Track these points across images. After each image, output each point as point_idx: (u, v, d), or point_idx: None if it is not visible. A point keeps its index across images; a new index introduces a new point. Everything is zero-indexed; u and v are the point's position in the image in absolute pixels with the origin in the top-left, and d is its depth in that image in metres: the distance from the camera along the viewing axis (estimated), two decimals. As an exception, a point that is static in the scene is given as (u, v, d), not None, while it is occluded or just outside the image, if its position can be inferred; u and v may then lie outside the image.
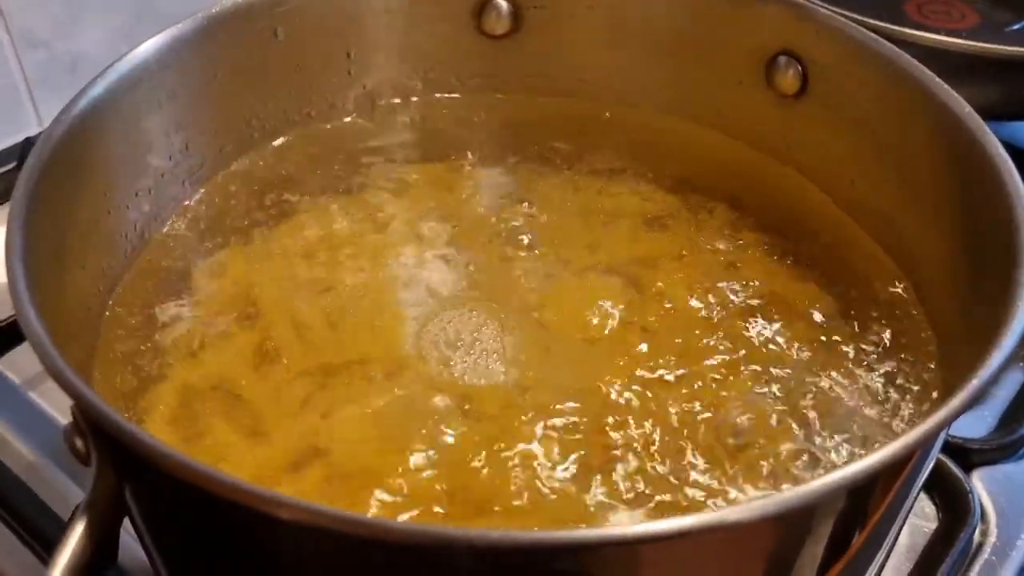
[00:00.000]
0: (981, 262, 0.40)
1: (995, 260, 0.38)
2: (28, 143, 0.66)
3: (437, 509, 0.37)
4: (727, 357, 0.43)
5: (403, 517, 0.37)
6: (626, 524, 0.36)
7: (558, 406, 0.41)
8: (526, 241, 0.49)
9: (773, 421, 0.41)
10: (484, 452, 0.39)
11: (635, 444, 0.39)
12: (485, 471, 0.38)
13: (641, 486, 0.38)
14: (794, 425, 0.41)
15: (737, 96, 0.52)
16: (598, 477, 0.38)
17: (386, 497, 0.38)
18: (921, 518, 0.48)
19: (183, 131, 0.48)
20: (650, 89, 0.55)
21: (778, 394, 0.42)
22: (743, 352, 0.43)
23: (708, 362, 0.43)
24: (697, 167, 0.53)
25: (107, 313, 0.44)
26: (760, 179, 0.52)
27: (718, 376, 0.42)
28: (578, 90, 0.56)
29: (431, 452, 0.39)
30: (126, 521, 0.34)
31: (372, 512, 0.37)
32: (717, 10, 0.51)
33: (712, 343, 0.44)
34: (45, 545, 0.46)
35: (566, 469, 0.39)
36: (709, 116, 0.54)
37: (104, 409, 0.30)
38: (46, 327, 0.33)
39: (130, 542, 0.38)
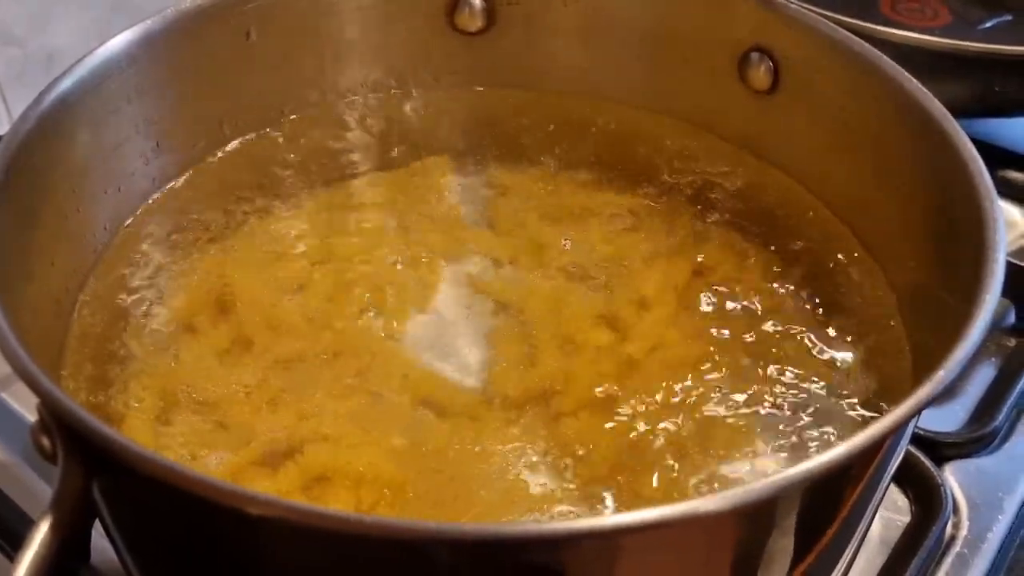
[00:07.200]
0: (951, 255, 0.40)
1: (964, 253, 0.38)
2: (-1, 141, 0.65)
3: (414, 505, 0.37)
4: (701, 353, 0.43)
5: (379, 513, 0.37)
6: (601, 515, 0.36)
7: (534, 404, 0.41)
8: (498, 238, 0.49)
9: (745, 413, 0.41)
10: (460, 448, 0.39)
11: (615, 437, 0.39)
12: (461, 467, 0.38)
13: (617, 478, 0.38)
14: (765, 418, 0.41)
15: (711, 91, 0.53)
16: (573, 473, 0.38)
17: (361, 493, 0.38)
18: (894, 511, 0.48)
19: (154, 128, 0.48)
20: (624, 84, 0.55)
21: (752, 389, 0.42)
22: (716, 348, 0.43)
23: (682, 355, 0.43)
24: (671, 161, 0.53)
25: (77, 310, 0.44)
26: (735, 173, 0.52)
27: (692, 372, 0.42)
28: (552, 86, 0.56)
29: (406, 448, 0.39)
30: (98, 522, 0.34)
31: (347, 508, 0.37)
32: (690, 5, 0.52)
33: (687, 340, 0.44)
34: (16, 546, 0.45)
35: (541, 465, 0.39)
36: (684, 111, 0.54)
37: (68, 404, 0.30)
38: (11, 323, 0.32)
39: (103, 543, 0.37)
